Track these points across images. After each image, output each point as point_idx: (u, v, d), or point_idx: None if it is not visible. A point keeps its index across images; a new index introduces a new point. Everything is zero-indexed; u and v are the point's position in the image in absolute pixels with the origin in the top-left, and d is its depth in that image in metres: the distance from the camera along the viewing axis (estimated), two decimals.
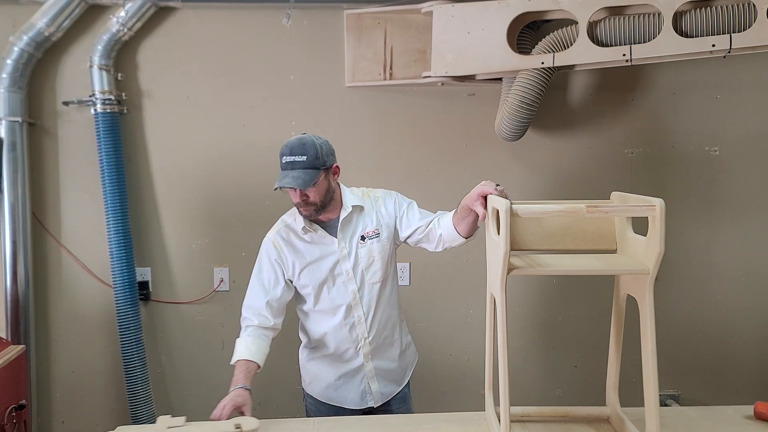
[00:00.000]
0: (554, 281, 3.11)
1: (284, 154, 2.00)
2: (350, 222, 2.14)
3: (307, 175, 1.98)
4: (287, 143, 2.02)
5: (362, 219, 2.15)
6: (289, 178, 1.98)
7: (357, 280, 2.14)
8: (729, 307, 3.16)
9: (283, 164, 2.01)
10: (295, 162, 1.98)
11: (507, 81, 2.80)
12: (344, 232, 2.13)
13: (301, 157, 1.98)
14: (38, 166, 2.92)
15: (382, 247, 2.15)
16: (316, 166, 2.00)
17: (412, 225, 2.17)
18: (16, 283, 2.83)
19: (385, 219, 2.17)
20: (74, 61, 2.88)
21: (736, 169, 3.08)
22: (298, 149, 1.99)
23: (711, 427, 1.85)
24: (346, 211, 2.11)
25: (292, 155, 1.98)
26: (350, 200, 2.13)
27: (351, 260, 2.13)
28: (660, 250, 1.52)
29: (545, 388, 3.15)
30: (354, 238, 2.13)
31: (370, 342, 2.18)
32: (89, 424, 3.02)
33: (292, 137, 2.04)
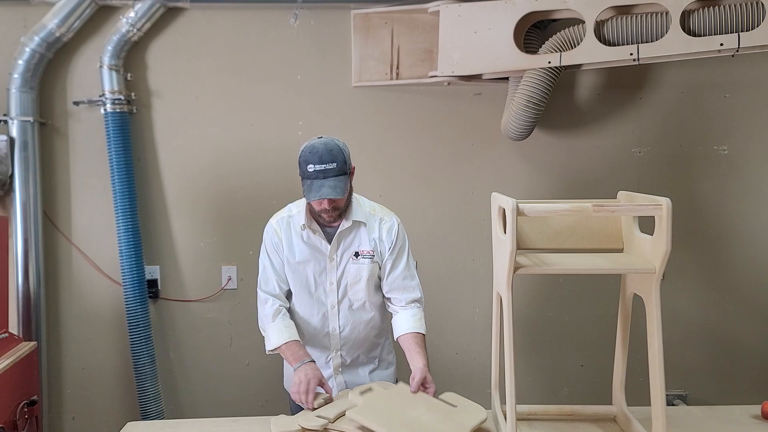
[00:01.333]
0: (560, 280, 3.11)
1: (312, 162, 1.90)
2: (348, 235, 2.07)
3: (341, 182, 1.92)
4: (313, 150, 1.92)
5: (362, 235, 2.08)
6: (327, 188, 1.89)
7: (338, 294, 2.09)
8: (736, 307, 3.15)
9: (311, 173, 1.90)
10: (327, 170, 1.90)
11: (514, 80, 2.81)
12: (340, 243, 2.07)
13: (332, 164, 1.90)
14: (49, 165, 2.95)
15: (372, 270, 2.08)
16: (345, 171, 1.95)
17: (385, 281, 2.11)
18: (27, 281, 2.85)
19: (379, 246, 2.09)
20: (84, 62, 2.91)
21: (744, 168, 3.07)
22: (328, 156, 1.90)
23: (718, 427, 1.86)
24: (346, 224, 2.04)
25: (322, 163, 1.89)
26: (355, 212, 2.06)
27: (338, 273, 2.08)
28: (667, 249, 1.53)
29: (552, 388, 3.15)
30: (348, 252, 2.07)
31: (341, 356, 2.14)
32: (99, 420, 3.05)
33: (313, 142, 1.96)
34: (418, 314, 2.10)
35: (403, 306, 2.11)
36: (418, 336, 2.05)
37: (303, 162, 1.93)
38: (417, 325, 2.07)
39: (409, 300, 2.11)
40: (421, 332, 2.06)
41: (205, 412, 3.06)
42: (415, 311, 2.10)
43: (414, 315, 2.09)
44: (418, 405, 1.86)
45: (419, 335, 2.06)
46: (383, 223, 2.10)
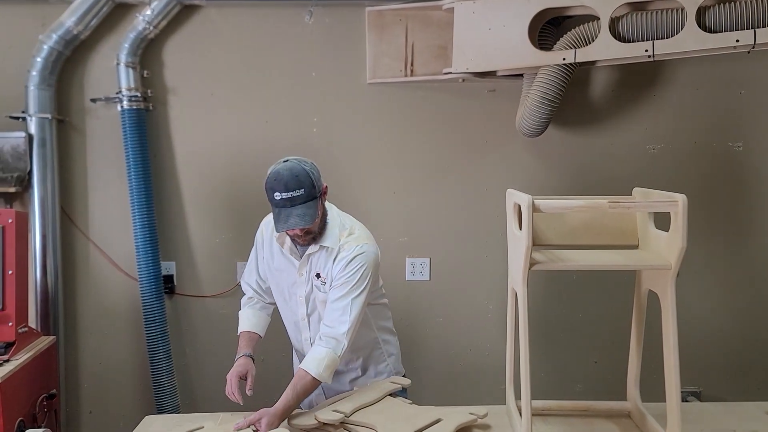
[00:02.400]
0: (574, 277, 3.11)
1: (278, 190, 1.85)
2: (315, 256, 2.03)
3: (310, 209, 1.88)
4: (278, 177, 1.87)
5: (324, 259, 2.01)
6: (294, 218, 1.85)
7: (308, 308, 2.09)
8: (750, 304, 3.14)
9: (277, 201, 1.87)
10: (294, 197, 1.85)
11: (528, 77, 2.81)
12: (308, 262, 2.04)
13: (298, 191, 1.85)
14: (67, 162, 2.98)
15: (326, 297, 2.03)
16: (314, 196, 1.89)
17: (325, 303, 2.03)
18: (45, 276, 2.89)
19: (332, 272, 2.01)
20: (101, 59, 2.94)
21: (760, 165, 3.06)
22: (293, 183, 1.85)
23: (732, 423, 1.86)
24: (313, 248, 2.00)
25: (288, 191, 1.84)
26: (327, 237, 2.00)
27: (306, 288, 2.07)
28: (682, 246, 1.54)
29: (565, 384, 3.15)
30: (313, 272, 2.04)
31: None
32: (116, 414, 3.08)
33: (278, 167, 1.91)
34: (320, 353, 1.92)
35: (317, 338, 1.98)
36: (299, 372, 1.92)
37: (269, 189, 1.89)
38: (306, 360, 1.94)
39: (326, 333, 1.95)
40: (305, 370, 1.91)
41: (219, 407, 3.07)
42: (319, 350, 1.93)
43: (314, 350, 1.94)
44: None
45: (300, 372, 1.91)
46: (341, 252, 1.99)
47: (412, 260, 3.08)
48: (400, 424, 1.79)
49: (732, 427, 1.83)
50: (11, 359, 2.29)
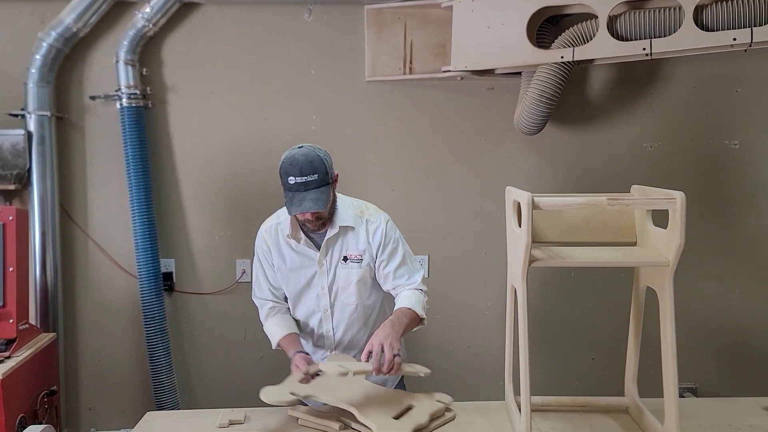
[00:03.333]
0: (572, 274, 3.13)
1: (293, 174, 1.89)
2: (336, 241, 2.07)
3: (323, 194, 1.92)
4: (293, 162, 1.91)
5: (349, 239, 2.07)
6: (308, 201, 1.89)
7: (331, 297, 2.11)
8: (746, 300, 3.16)
9: (292, 185, 1.90)
10: (308, 182, 1.89)
11: (526, 75, 2.82)
12: (328, 248, 2.07)
13: (312, 176, 1.89)
14: (66, 159, 2.99)
15: (363, 273, 2.09)
16: (327, 182, 1.93)
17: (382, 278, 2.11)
18: (45, 274, 2.89)
19: (368, 249, 2.08)
20: (101, 57, 2.94)
21: (756, 162, 3.08)
22: (308, 168, 1.89)
23: (729, 418, 1.88)
24: (334, 230, 2.04)
25: (303, 175, 1.88)
26: (342, 218, 2.05)
27: (329, 277, 2.09)
28: (680, 243, 1.55)
29: (563, 380, 3.17)
30: (336, 257, 2.07)
31: (336, 355, 2.15)
32: (116, 411, 3.09)
33: (293, 152, 1.95)
34: (408, 295, 2.04)
35: (400, 291, 2.09)
36: (401, 310, 1.99)
37: (284, 174, 1.92)
38: (405, 302, 2.02)
39: (408, 285, 2.08)
40: (404, 306, 2.00)
41: (219, 404, 3.06)
42: (408, 293, 2.05)
43: (404, 296, 2.04)
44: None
45: (402, 309, 1.99)
46: (370, 224, 2.08)
47: None
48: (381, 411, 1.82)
49: (729, 422, 1.85)
50: (12, 356, 2.30)
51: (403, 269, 2.09)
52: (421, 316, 2.01)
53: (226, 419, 1.91)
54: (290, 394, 1.84)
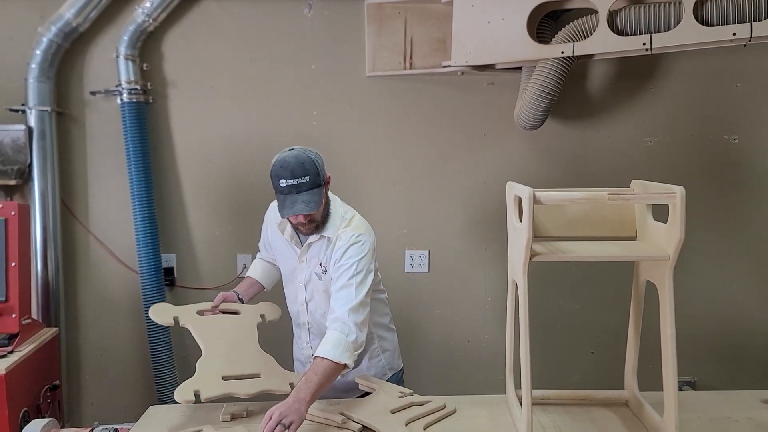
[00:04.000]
0: (571, 269, 3.14)
1: (284, 177, 1.87)
2: (316, 245, 2.06)
3: (315, 196, 1.90)
4: (284, 164, 1.89)
5: (324, 249, 2.04)
6: (300, 203, 1.88)
7: (306, 294, 2.13)
8: (745, 295, 3.18)
9: (283, 188, 1.88)
10: (300, 184, 1.87)
11: (527, 70, 2.83)
12: (308, 250, 2.07)
13: (304, 178, 1.87)
14: (67, 154, 2.99)
15: (324, 285, 2.05)
16: (319, 184, 1.92)
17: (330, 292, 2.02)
18: (46, 269, 2.90)
19: (329, 263, 2.03)
20: (101, 51, 2.94)
21: (755, 157, 3.09)
22: (300, 170, 1.87)
23: (728, 411, 1.89)
24: (315, 238, 2.03)
25: (294, 177, 1.86)
26: (328, 227, 2.02)
27: (305, 275, 2.10)
28: (680, 237, 1.56)
29: (563, 374, 3.19)
30: (314, 260, 2.07)
31: (311, 348, 2.17)
32: (117, 405, 3.10)
33: (284, 154, 1.93)
34: (327, 336, 1.88)
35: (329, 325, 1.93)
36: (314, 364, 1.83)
37: (275, 177, 1.90)
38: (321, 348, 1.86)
39: (332, 319, 1.92)
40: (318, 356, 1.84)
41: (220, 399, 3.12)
42: (330, 334, 1.88)
43: (326, 338, 1.88)
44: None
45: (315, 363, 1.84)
46: (338, 242, 2.01)
47: (411, 252, 3.11)
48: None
49: (728, 415, 1.86)
50: (15, 350, 2.31)
51: (343, 293, 1.93)
52: (338, 362, 1.82)
53: (228, 413, 1.92)
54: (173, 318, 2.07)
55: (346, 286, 1.94)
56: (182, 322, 2.05)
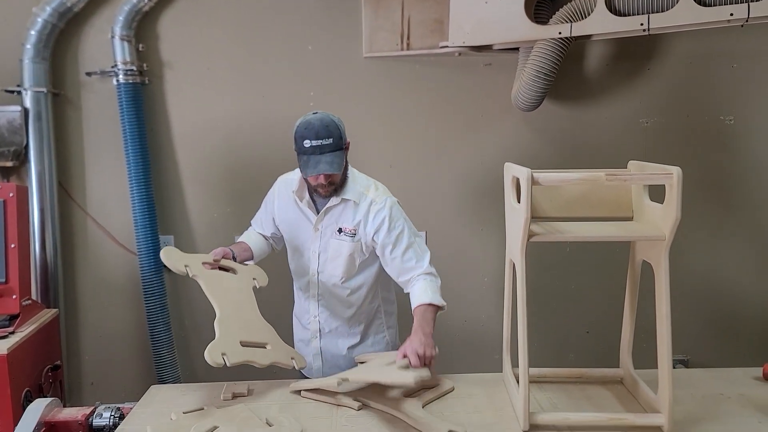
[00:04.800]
0: (567, 249, 3.17)
1: (308, 138, 1.92)
2: (335, 211, 2.08)
3: (338, 158, 1.95)
4: (308, 126, 1.94)
5: (348, 213, 2.07)
6: (324, 164, 1.92)
7: (318, 264, 2.13)
8: (738, 274, 3.21)
9: (306, 148, 1.92)
10: (323, 145, 1.92)
11: (524, 51, 2.82)
12: (326, 216, 2.09)
13: (327, 140, 1.92)
14: (63, 136, 2.98)
15: (353, 248, 2.08)
16: (341, 147, 1.97)
17: (387, 265, 2.08)
18: (44, 251, 2.91)
19: (361, 230, 2.07)
20: (96, 32, 2.92)
21: (750, 138, 3.10)
22: (324, 132, 1.92)
23: (721, 387, 1.93)
24: (335, 201, 2.06)
25: (318, 139, 1.91)
26: (348, 190, 2.06)
27: (319, 244, 2.11)
28: (677, 217, 1.58)
29: (558, 353, 3.23)
30: (331, 227, 2.09)
31: (319, 322, 2.19)
32: (117, 385, 3.13)
33: (309, 117, 1.97)
34: (422, 286, 1.99)
35: (412, 282, 2.04)
36: (419, 308, 1.94)
37: (299, 137, 1.95)
38: (422, 296, 1.97)
39: (415, 275, 2.03)
40: (423, 303, 1.95)
41: (219, 378, 3.13)
42: (420, 284, 2.00)
43: (419, 288, 1.99)
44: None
45: (421, 307, 1.94)
46: (373, 205, 2.05)
47: None
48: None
49: (720, 392, 1.90)
50: (16, 331, 2.33)
51: (410, 253, 2.04)
52: (440, 305, 1.96)
53: (229, 392, 1.95)
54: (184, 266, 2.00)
55: (410, 245, 2.04)
56: (192, 273, 1.99)
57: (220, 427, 1.69)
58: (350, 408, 1.83)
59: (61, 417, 1.86)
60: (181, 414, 1.79)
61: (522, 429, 1.67)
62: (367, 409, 1.82)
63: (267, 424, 1.73)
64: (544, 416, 1.69)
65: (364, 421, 1.75)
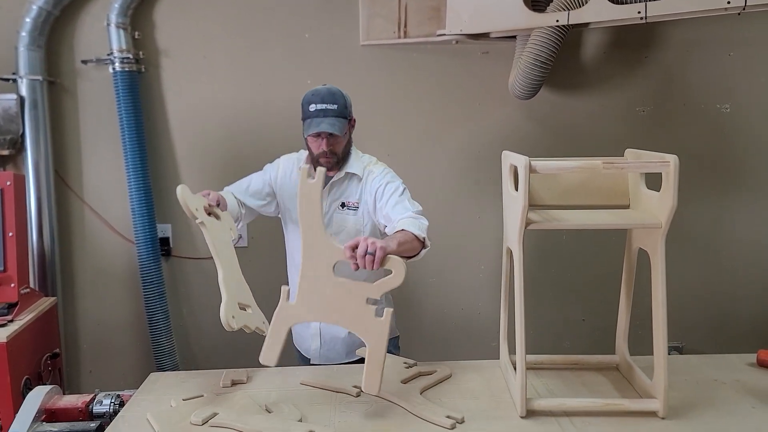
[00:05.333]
0: (564, 237, 3.18)
1: (313, 102, 2.01)
2: (340, 185, 2.14)
3: (340, 123, 2.01)
4: (314, 92, 2.04)
5: (351, 187, 2.14)
6: (325, 123, 1.99)
7: None
8: (732, 262, 3.23)
9: (311, 112, 2.01)
10: (327, 110, 2.00)
11: (521, 39, 2.82)
12: (330, 192, 2.13)
13: (332, 105, 2.01)
14: (59, 124, 2.97)
15: (356, 222, 2.13)
16: (344, 116, 2.04)
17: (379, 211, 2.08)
18: (42, 239, 2.91)
19: (365, 196, 2.12)
20: (91, 20, 2.91)
21: (746, 127, 3.11)
22: (329, 97, 2.02)
23: (715, 373, 1.95)
24: (340, 174, 2.11)
25: (323, 103, 2.00)
26: (352, 164, 2.12)
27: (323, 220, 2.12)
28: (673, 205, 1.59)
29: (554, 341, 3.25)
30: (336, 202, 2.14)
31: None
32: (116, 374, 3.14)
33: (317, 87, 2.08)
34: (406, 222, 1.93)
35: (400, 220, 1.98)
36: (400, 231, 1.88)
37: (305, 103, 2.04)
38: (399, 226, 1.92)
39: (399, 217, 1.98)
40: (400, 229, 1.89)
41: (217, 366, 3.13)
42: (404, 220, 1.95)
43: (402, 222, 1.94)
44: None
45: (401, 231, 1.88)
46: (371, 174, 2.13)
47: None
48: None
49: (715, 377, 1.92)
50: (15, 319, 2.33)
51: (400, 206, 2.02)
52: (417, 234, 1.89)
53: (228, 379, 1.96)
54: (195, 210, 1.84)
55: (400, 202, 2.04)
56: (200, 219, 1.86)
57: (220, 414, 1.70)
58: (349, 395, 1.85)
59: (61, 404, 1.87)
60: (181, 401, 1.80)
61: (519, 414, 1.68)
62: (366, 395, 1.84)
63: (266, 411, 1.74)
64: (541, 402, 1.70)
65: (363, 408, 1.77)
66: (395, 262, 1.68)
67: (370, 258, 1.64)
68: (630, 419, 1.66)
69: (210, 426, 1.66)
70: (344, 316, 1.71)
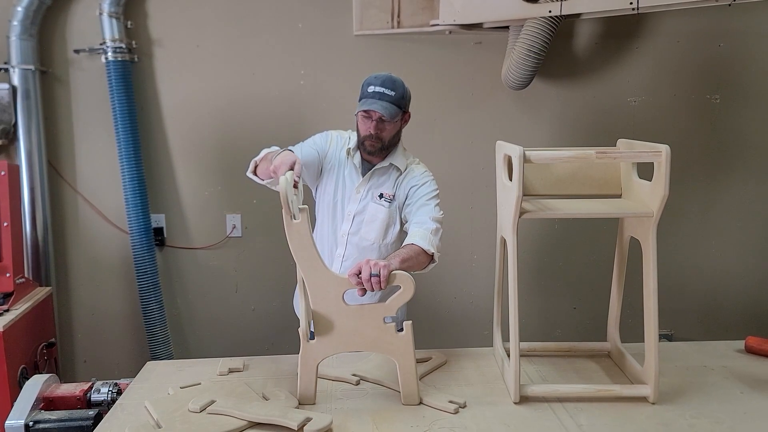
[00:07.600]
0: (555, 226, 3.21)
1: (373, 84, 2.02)
2: (382, 175, 2.15)
3: (393, 109, 2.02)
4: (377, 75, 2.05)
5: (390, 179, 2.15)
6: (378, 104, 1.99)
7: (351, 226, 2.15)
8: (721, 251, 3.28)
9: (368, 92, 2.02)
10: (384, 94, 2.01)
11: (514, 29, 2.83)
12: (371, 179, 2.14)
13: (390, 92, 2.02)
14: (52, 114, 2.96)
15: (388, 214, 2.14)
16: (400, 106, 2.05)
17: (406, 207, 2.13)
18: (35, 229, 2.90)
19: (400, 190, 2.15)
20: (84, 9, 2.89)
21: (735, 117, 3.14)
22: (389, 83, 2.02)
23: (704, 360, 1.98)
24: (383, 164, 2.12)
25: (382, 86, 2.01)
26: (396, 157, 2.14)
27: (357, 206, 2.14)
28: (665, 194, 1.62)
29: (545, 329, 3.29)
30: (373, 191, 2.14)
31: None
32: (110, 363, 3.15)
33: (381, 72, 2.06)
34: (416, 232, 2.00)
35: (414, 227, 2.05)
36: (406, 246, 1.94)
37: (365, 84, 2.04)
38: (408, 239, 1.98)
39: (417, 228, 2.04)
40: (409, 242, 1.95)
41: (212, 355, 3.15)
42: (414, 229, 2.02)
43: (411, 233, 2.01)
44: None
45: (408, 246, 1.94)
46: (411, 172, 2.15)
47: None
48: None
49: (704, 364, 1.95)
50: (11, 309, 2.34)
51: (425, 209, 2.10)
52: (426, 249, 1.96)
53: (225, 367, 1.97)
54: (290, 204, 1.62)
55: (426, 205, 2.10)
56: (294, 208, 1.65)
57: (218, 401, 1.71)
58: (347, 382, 1.87)
59: (59, 393, 1.88)
60: (179, 389, 1.82)
61: (513, 401, 1.71)
62: (365, 383, 1.86)
63: (263, 398, 1.76)
64: (534, 388, 1.73)
65: (362, 396, 1.79)
66: (402, 277, 1.71)
67: (375, 279, 1.66)
68: (621, 404, 1.69)
69: (208, 413, 1.67)
70: (366, 341, 1.72)
